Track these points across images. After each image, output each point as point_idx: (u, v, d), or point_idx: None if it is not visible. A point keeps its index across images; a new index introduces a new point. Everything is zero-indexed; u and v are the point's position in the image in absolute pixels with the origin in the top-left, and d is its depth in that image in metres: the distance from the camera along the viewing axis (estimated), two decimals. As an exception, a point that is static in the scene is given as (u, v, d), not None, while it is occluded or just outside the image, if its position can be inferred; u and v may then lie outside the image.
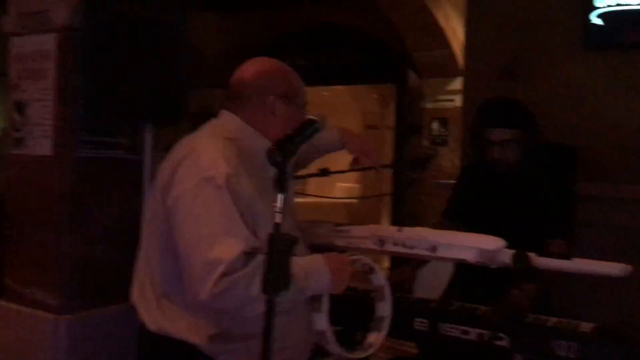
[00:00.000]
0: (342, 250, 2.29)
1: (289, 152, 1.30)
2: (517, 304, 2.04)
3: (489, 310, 2.13)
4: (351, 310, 2.25)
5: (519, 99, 2.47)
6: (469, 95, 3.97)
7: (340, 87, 9.15)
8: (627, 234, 3.31)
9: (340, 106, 10.87)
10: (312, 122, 1.43)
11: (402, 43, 5.38)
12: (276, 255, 1.26)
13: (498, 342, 1.97)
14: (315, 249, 2.29)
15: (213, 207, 1.43)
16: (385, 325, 1.74)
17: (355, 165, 2.11)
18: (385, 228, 2.13)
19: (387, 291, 1.75)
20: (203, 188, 1.45)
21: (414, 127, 5.53)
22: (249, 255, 1.41)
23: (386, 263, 5.77)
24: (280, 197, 1.29)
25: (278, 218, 1.28)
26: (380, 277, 1.76)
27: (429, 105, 5.45)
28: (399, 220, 5.62)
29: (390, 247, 2.10)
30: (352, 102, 9.73)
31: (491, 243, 1.93)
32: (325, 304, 1.60)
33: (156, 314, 1.57)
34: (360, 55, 5.95)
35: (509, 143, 2.36)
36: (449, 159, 5.20)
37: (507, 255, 1.93)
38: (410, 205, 5.45)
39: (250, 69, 1.67)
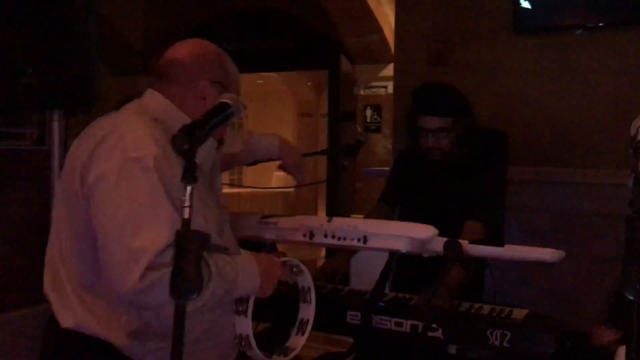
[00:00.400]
0: (270, 243, 2.19)
1: (198, 139, 1.15)
2: (439, 305, 1.99)
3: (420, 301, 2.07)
4: (282, 306, 2.16)
5: (453, 86, 2.40)
6: (400, 81, 3.92)
7: (274, 74, 9.05)
8: (558, 217, 3.34)
9: (275, 94, 10.79)
10: (224, 106, 1.29)
11: (334, 28, 5.29)
12: (185, 255, 1.12)
13: (432, 334, 1.91)
14: (242, 243, 2.20)
15: (138, 190, 1.30)
16: (308, 329, 1.63)
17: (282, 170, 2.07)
18: (315, 219, 2.02)
19: (313, 294, 1.65)
20: (128, 169, 1.31)
21: (348, 115, 5.47)
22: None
23: (322, 251, 5.70)
24: (188, 190, 1.14)
25: (186, 213, 1.14)
26: (307, 279, 1.65)
27: (362, 92, 5.39)
28: (334, 207, 5.55)
29: (321, 239, 2.00)
30: (287, 90, 9.64)
31: (423, 232, 1.86)
32: (250, 307, 1.50)
33: (71, 308, 1.42)
34: (293, 41, 5.82)
35: (442, 131, 2.29)
36: (383, 146, 5.16)
37: (439, 244, 1.87)
38: (345, 193, 5.40)
39: (185, 48, 1.54)
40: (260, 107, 11.41)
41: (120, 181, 1.31)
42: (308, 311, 1.64)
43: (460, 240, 1.88)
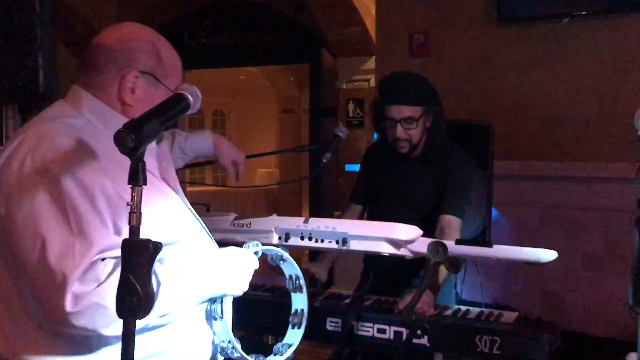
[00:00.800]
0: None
1: (146, 136, 1.00)
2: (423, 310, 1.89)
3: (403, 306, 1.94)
4: (259, 313, 2.03)
5: (421, 75, 2.29)
6: (382, 74, 3.79)
7: (256, 70, 8.87)
8: (546, 212, 3.24)
9: (257, 90, 10.61)
10: (180, 98, 1.14)
11: (315, 21, 5.16)
12: (133, 267, 0.98)
13: (417, 341, 1.79)
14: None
15: (45, 205, 1.14)
16: (304, 320, 1.48)
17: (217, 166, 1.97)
18: (290, 220, 1.89)
19: (302, 281, 1.50)
20: (37, 184, 1.16)
21: (330, 109, 5.34)
22: (113, 259, 1.13)
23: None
24: (137, 192, 1.00)
25: (134, 219, 0.99)
26: (293, 266, 1.49)
27: (344, 86, 5.25)
28: (317, 204, 5.41)
29: (297, 242, 1.86)
30: (269, 86, 9.47)
31: (406, 233, 1.73)
32: (227, 309, 1.33)
33: (12, 339, 1.27)
34: (273, 35, 5.66)
35: (410, 121, 2.18)
36: (366, 141, 5.03)
37: (423, 245, 1.73)
38: (328, 190, 5.28)
39: (113, 34, 1.36)
40: (243, 104, 11.24)
41: (27, 199, 1.15)
42: (301, 300, 1.48)
43: (446, 241, 1.75)
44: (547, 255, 1.68)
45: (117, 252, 1.07)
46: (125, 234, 1.02)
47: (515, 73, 3.28)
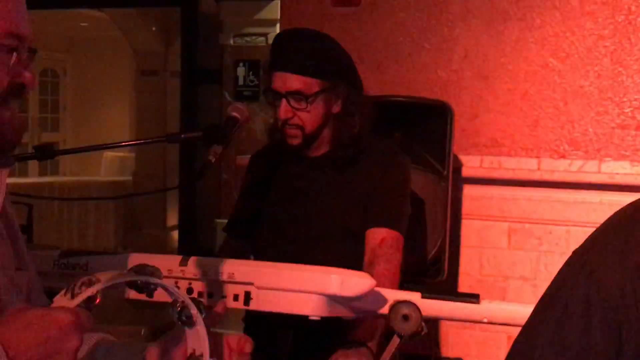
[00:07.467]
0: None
1: None
2: None
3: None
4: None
5: (330, 36, 2.18)
6: (288, 25, 3.55)
7: (103, 14, 8.50)
8: (517, 229, 3.09)
9: (105, 44, 10.13)
10: None
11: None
12: None
13: None
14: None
15: None
16: None
17: None
18: (157, 259, 1.56)
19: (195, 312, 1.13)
20: None
21: (210, 74, 5.08)
22: None
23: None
24: None
25: None
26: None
27: (232, 42, 5.04)
28: (190, 211, 5.09)
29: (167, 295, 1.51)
30: (122, 38, 9.05)
31: (351, 285, 1.43)
32: None
33: None
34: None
35: (299, 97, 2.07)
36: (263, 120, 4.77)
37: (377, 302, 1.45)
38: (206, 189, 4.98)
39: None
40: (85, 61, 10.78)
41: None
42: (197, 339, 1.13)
43: (411, 296, 1.45)
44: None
45: None
46: None
47: (482, 30, 3.11)
